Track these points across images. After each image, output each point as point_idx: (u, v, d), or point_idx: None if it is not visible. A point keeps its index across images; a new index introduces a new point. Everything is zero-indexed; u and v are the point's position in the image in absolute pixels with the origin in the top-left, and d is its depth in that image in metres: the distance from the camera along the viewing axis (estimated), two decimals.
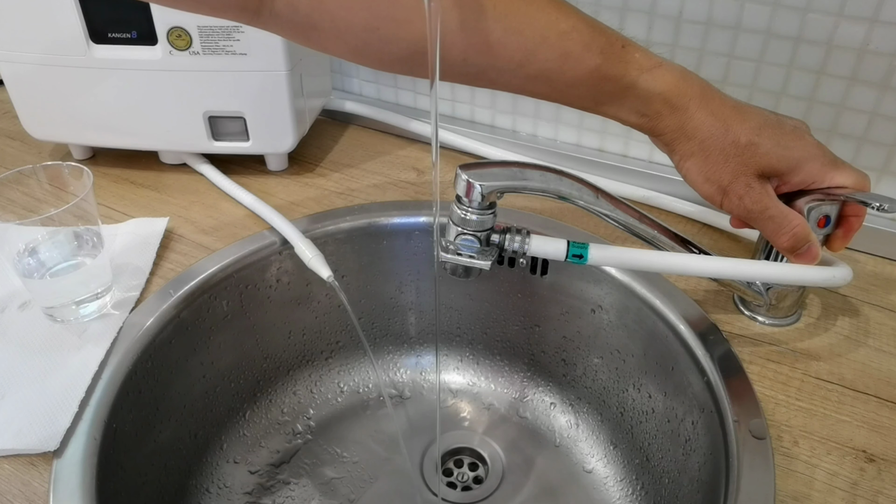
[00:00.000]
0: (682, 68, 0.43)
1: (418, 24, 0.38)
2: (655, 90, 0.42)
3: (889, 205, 0.43)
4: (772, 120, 0.44)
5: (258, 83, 0.60)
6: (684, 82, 0.42)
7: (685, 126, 0.43)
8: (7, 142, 0.73)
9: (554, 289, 0.59)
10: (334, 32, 0.40)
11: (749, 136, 0.42)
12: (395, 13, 0.39)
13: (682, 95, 0.42)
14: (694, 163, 0.44)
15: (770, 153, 0.43)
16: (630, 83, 0.42)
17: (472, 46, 0.40)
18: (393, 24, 0.39)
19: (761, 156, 0.42)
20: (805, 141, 0.44)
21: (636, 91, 0.42)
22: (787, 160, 0.43)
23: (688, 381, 0.48)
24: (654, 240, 0.46)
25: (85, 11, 0.58)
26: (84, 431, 0.42)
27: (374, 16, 0.39)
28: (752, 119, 0.43)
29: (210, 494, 0.55)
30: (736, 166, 0.43)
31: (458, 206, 0.43)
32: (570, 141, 0.69)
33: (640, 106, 0.43)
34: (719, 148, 0.43)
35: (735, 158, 0.43)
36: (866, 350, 0.48)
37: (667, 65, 0.42)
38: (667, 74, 0.42)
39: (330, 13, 0.39)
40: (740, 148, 0.42)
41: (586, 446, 0.60)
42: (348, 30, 0.39)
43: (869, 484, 0.39)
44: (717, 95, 0.43)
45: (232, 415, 0.59)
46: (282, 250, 0.57)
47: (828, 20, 0.53)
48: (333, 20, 0.39)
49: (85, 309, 0.49)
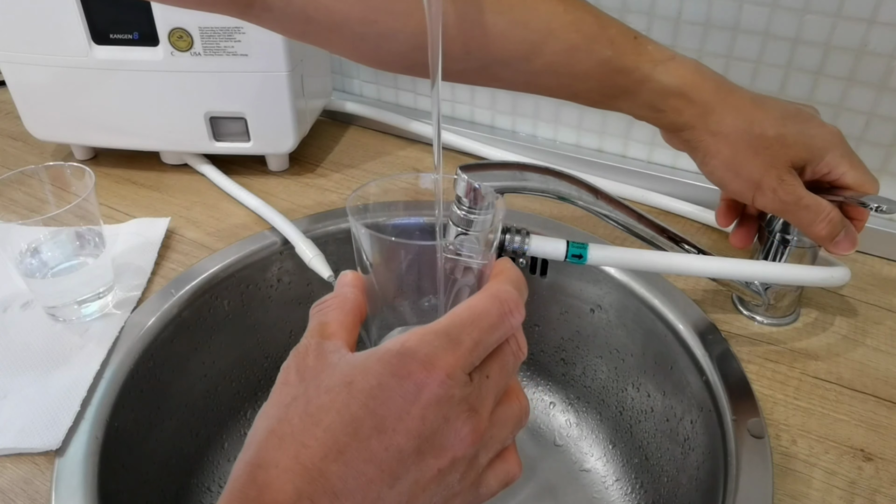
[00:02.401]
0: (696, 62, 0.42)
1: (418, 17, 0.37)
2: (671, 84, 0.40)
3: (888, 206, 0.43)
4: (791, 109, 0.43)
5: (259, 84, 0.61)
6: (699, 76, 0.41)
7: (707, 121, 0.41)
8: (9, 142, 0.73)
9: (553, 288, 0.59)
10: (330, 26, 0.38)
11: (776, 128, 0.41)
12: (394, 6, 0.37)
13: (699, 89, 0.41)
14: (721, 160, 0.42)
15: (798, 143, 0.41)
16: (644, 76, 0.40)
17: (475, 40, 0.38)
18: (391, 17, 0.37)
19: (790, 146, 0.41)
20: (825, 129, 0.43)
21: (650, 84, 0.41)
22: (813, 149, 0.42)
23: (686, 380, 0.49)
24: (653, 240, 0.46)
25: (87, 13, 0.58)
26: (86, 430, 0.42)
27: (372, 8, 0.37)
28: (773, 110, 0.42)
29: (211, 493, 0.55)
30: (766, 159, 0.41)
31: (458, 206, 0.43)
32: (569, 141, 0.70)
33: (656, 100, 0.41)
34: (746, 142, 0.41)
35: (765, 151, 0.41)
36: (864, 349, 0.48)
37: (680, 58, 0.41)
38: (681, 68, 0.41)
39: (325, 6, 0.37)
40: (769, 140, 0.41)
41: (585, 445, 0.61)
42: (345, 23, 0.38)
43: (867, 483, 0.40)
44: (735, 88, 0.42)
45: (233, 414, 0.59)
46: (283, 250, 0.58)
47: (826, 21, 0.53)
48: (329, 12, 0.37)
49: (87, 309, 0.50)
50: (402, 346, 0.26)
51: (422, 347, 0.26)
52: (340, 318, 0.29)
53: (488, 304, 0.27)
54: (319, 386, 0.26)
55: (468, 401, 0.26)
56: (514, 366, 0.29)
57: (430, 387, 0.25)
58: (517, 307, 0.28)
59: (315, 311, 0.30)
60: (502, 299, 0.28)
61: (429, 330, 0.26)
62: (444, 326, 0.26)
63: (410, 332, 0.26)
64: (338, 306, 0.30)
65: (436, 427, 0.25)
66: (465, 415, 0.26)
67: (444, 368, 0.25)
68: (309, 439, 0.24)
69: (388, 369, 0.25)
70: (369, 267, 0.32)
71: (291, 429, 0.25)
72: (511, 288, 0.28)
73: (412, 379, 0.25)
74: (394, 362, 0.25)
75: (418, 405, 0.25)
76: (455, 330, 0.26)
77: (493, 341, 0.27)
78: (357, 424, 0.25)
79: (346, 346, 0.28)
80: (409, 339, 0.26)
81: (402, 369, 0.25)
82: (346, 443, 0.24)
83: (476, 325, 0.27)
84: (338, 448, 0.24)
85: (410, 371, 0.25)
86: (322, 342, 0.28)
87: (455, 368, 0.26)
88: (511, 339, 0.29)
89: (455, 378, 0.25)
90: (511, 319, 0.28)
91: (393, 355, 0.26)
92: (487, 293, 0.28)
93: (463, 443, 0.26)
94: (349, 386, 0.25)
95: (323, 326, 0.29)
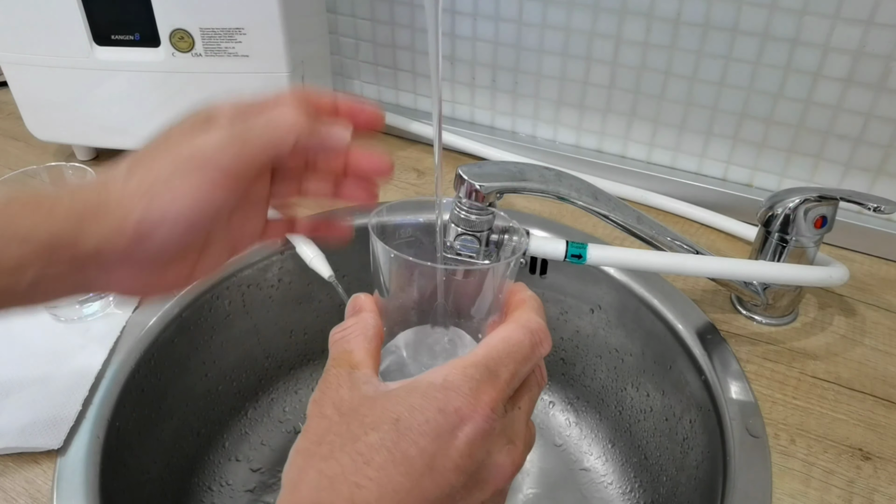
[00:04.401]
0: None
1: None
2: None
3: (886, 206, 0.43)
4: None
5: (260, 85, 0.61)
6: None
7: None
8: (11, 143, 0.74)
9: (553, 288, 0.59)
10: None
11: None
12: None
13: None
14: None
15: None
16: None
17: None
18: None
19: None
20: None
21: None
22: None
23: (686, 379, 0.49)
24: (653, 240, 0.46)
25: (88, 14, 0.59)
26: (87, 430, 0.42)
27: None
28: None
29: (212, 492, 0.55)
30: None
31: (458, 206, 0.43)
32: (568, 142, 0.70)
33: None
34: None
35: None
36: (862, 349, 0.48)
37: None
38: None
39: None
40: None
41: (585, 445, 0.61)
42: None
43: (865, 482, 0.40)
44: None
45: (234, 413, 0.60)
46: (283, 250, 0.58)
47: (824, 22, 0.53)
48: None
49: (88, 308, 0.50)
50: (444, 381, 0.26)
51: (465, 382, 0.25)
52: (365, 346, 0.29)
53: (521, 336, 0.28)
54: (363, 422, 0.25)
55: (506, 433, 0.27)
56: (538, 395, 0.29)
57: (475, 421, 0.25)
58: (546, 337, 0.28)
59: (337, 338, 0.30)
60: (533, 330, 0.28)
61: (469, 363, 0.26)
62: (482, 359, 0.26)
63: (450, 364, 0.26)
64: (361, 332, 0.29)
65: (480, 461, 0.26)
66: (505, 448, 0.26)
67: (488, 403, 0.25)
68: (362, 479, 0.24)
69: (433, 405, 0.25)
70: (386, 287, 0.31)
71: (342, 469, 0.24)
72: (538, 317, 0.29)
73: (459, 414, 0.25)
74: (439, 397, 0.25)
75: (465, 441, 0.25)
76: (493, 363, 0.26)
77: (526, 372, 0.28)
78: (409, 463, 0.24)
79: (375, 374, 0.28)
80: (451, 373, 0.26)
81: (448, 405, 0.25)
82: (400, 482, 0.24)
83: (512, 358, 0.27)
84: (393, 487, 0.24)
85: (457, 407, 0.25)
86: (352, 372, 0.28)
87: (497, 402, 0.26)
88: (540, 375, 0.29)
89: (497, 411, 0.26)
90: (541, 350, 0.28)
91: (437, 390, 0.25)
92: (519, 324, 0.28)
93: (504, 475, 0.26)
94: (396, 423, 0.25)
95: (348, 355, 0.28)
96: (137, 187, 0.28)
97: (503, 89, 0.70)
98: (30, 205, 0.28)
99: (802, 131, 0.58)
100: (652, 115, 0.64)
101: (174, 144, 0.29)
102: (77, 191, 0.29)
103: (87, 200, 0.28)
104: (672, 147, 0.65)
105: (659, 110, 0.63)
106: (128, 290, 0.31)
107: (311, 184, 0.34)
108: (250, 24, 0.58)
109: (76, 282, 0.29)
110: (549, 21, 0.64)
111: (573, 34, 0.63)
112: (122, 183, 0.28)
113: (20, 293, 0.28)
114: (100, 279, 0.29)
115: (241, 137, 0.29)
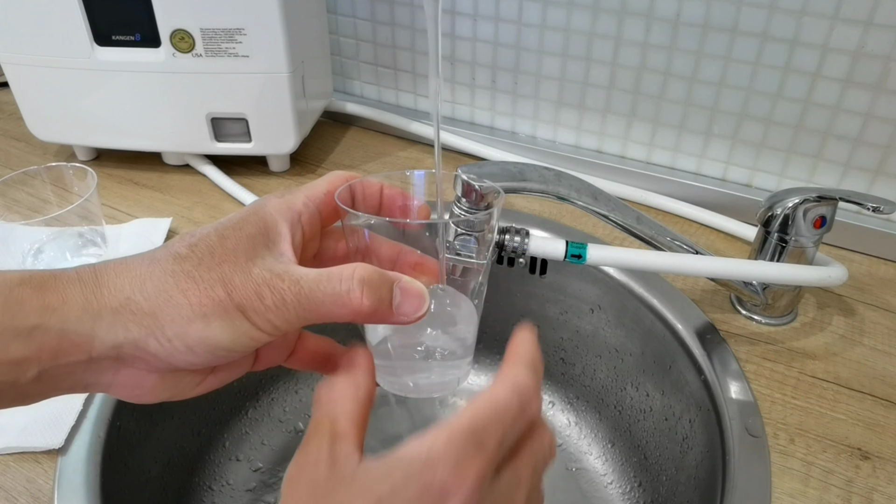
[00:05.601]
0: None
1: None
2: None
3: (885, 206, 0.44)
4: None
5: (260, 85, 0.61)
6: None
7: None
8: (12, 143, 0.74)
9: (553, 288, 0.60)
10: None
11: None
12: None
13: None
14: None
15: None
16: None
17: None
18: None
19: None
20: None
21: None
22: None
23: (685, 379, 0.49)
24: (652, 240, 0.46)
25: (89, 14, 0.59)
26: (88, 429, 0.42)
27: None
28: None
29: (213, 492, 0.55)
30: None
31: (458, 206, 0.43)
32: (568, 142, 0.70)
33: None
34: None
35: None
36: (861, 349, 0.49)
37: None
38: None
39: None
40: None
41: (585, 444, 0.61)
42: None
43: (864, 481, 0.40)
44: None
45: (234, 413, 0.60)
46: None
47: (823, 23, 0.53)
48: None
49: None
50: (428, 453, 0.24)
51: (449, 452, 0.24)
52: (353, 414, 0.27)
53: (509, 397, 0.26)
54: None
55: (498, 502, 0.26)
56: (544, 463, 0.28)
57: (461, 494, 0.24)
58: (535, 395, 0.27)
59: (324, 399, 0.27)
60: (520, 390, 0.27)
61: (454, 429, 0.25)
62: (468, 424, 0.25)
63: (434, 432, 0.25)
64: (351, 397, 0.28)
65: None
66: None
67: (474, 473, 0.24)
68: None
69: (418, 483, 0.24)
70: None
71: None
72: (527, 372, 0.28)
73: (444, 490, 0.24)
74: (424, 472, 0.24)
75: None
76: (480, 429, 0.25)
77: (516, 433, 0.27)
78: None
79: (358, 448, 0.26)
80: (435, 444, 0.25)
81: (434, 481, 0.24)
82: None
83: (500, 422, 0.26)
84: None
85: (442, 481, 0.24)
86: (333, 447, 0.26)
87: (485, 472, 0.25)
88: (540, 441, 0.28)
89: (485, 482, 0.25)
90: (530, 410, 0.27)
91: (421, 465, 0.24)
92: (506, 384, 0.27)
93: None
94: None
95: (333, 424, 0.27)
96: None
97: (503, 90, 0.70)
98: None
99: (802, 132, 0.58)
100: (651, 115, 0.64)
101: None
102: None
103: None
104: (671, 147, 0.65)
105: (658, 111, 0.63)
106: (130, 394, 0.29)
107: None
108: (251, 24, 0.58)
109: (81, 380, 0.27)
110: (549, 22, 0.64)
111: (573, 35, 0.63)
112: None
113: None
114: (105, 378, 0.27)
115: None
